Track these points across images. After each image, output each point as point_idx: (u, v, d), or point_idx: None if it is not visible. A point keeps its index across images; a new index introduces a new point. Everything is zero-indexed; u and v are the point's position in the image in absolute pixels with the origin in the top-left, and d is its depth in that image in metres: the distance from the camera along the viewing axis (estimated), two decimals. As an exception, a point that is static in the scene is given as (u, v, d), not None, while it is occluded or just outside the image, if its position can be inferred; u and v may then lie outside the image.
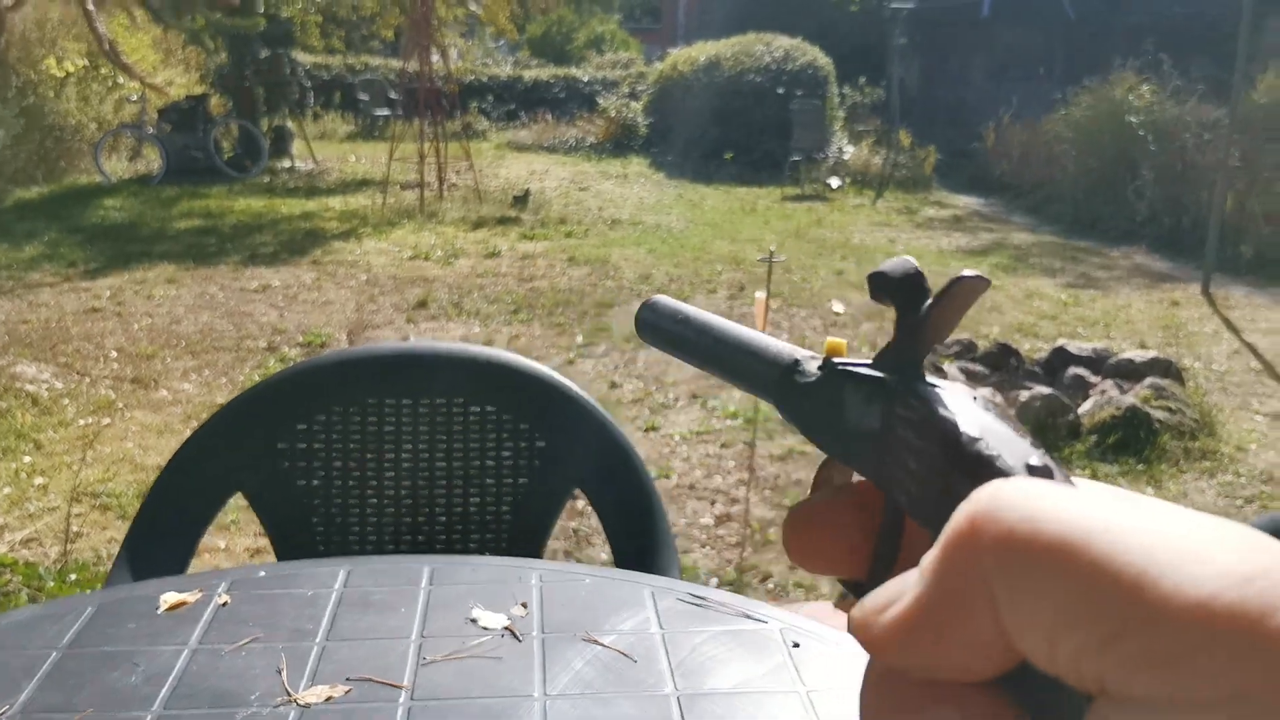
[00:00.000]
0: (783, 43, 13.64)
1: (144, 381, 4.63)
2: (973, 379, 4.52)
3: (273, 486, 1.32)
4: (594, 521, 3.11)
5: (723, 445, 4.05)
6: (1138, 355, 4.69)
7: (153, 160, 11.58)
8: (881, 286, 0.27)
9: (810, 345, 4.87)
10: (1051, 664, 0.21)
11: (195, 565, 2.67)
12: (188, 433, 4.49)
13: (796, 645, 0.96)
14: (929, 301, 0.26)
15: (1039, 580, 0.21)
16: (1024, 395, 4.16)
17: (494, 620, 1.00)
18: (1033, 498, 0.22)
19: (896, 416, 0.26)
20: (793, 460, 3.90)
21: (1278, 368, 5.28)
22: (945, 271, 7.40)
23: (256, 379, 4.68)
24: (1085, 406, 4.17)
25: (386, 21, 15.12)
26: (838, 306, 6.26)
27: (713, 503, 3.56)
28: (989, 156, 12.35)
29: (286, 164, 12.12)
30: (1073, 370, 4.58)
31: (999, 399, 4.21)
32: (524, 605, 1.02)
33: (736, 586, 3.00)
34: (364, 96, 16.28)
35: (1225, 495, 3.68)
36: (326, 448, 1.32)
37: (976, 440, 0.24)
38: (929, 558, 0.23)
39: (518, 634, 0.97)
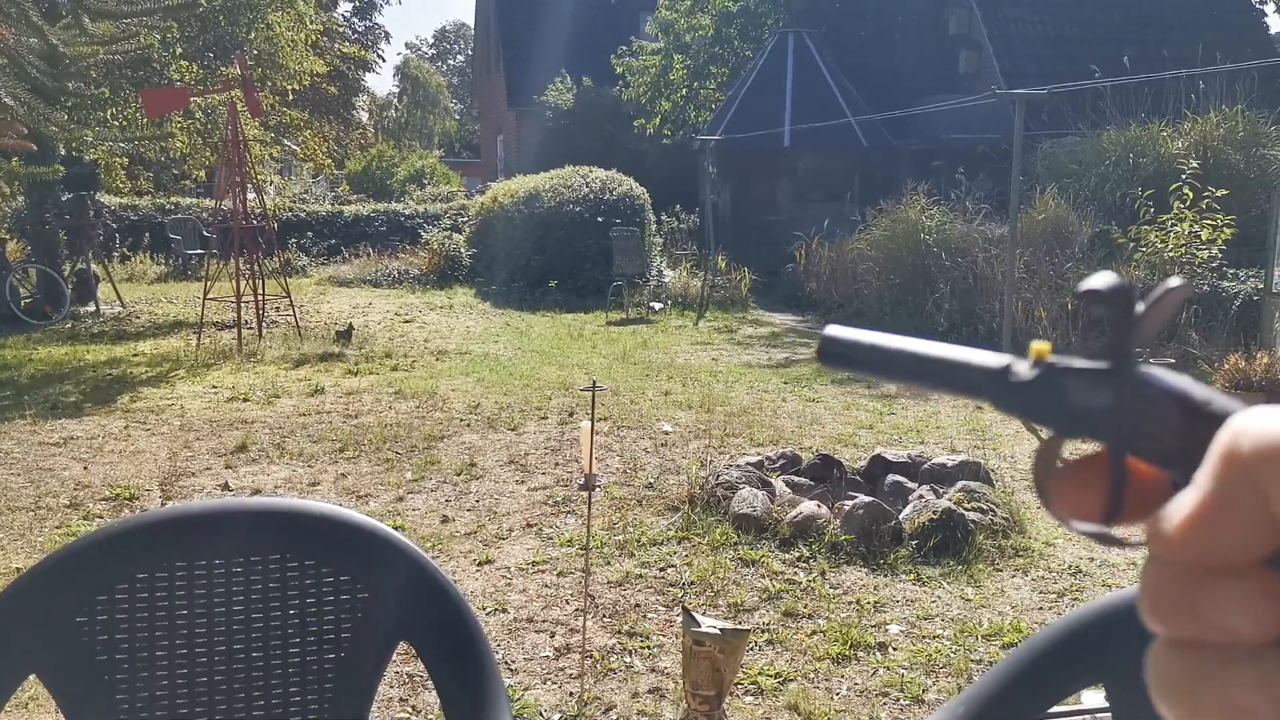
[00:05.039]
0: (599, 174, 14.11)
1: (-73, 551, 4.25)
2: (798, 491, 4.66)
3: (71, 664, 1.23)
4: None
5: (559, 574, 4.01)
6: (949, 459, 4.94)
7: (-60, 310, 10.87)
8: (1095, 299, 0.34)
9: (642, 466, 4.83)
10: None
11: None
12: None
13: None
14: (1141, 306, 0.34)
15: None
16: (848, 504, 4.31)
17: (314, 791, 0.95)
18: (1277, 417, 0.30)
19: (1130, 394, 0.34)
20: (629, 585, 3.90)
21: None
22: (765, 385, 7.64)
23: (58, 538, 4.36)
24: (905, 512, 4.33)
25: (198, 161, 14.84)
26: (666, 426, 6.37)
27: (552, 634, 3.51)
28: (800, 276, 13.00)
29: (91, 308, 11.58)
30: (891, 477, 4.78)
31: (824, 509, 4.35)
32: (346, 771, 0.98)
33: (580, 721, 2.95)
34: (176, 236, 15.81)
35: (1039, 590, 3.88)
36: (130, 618, 1.25)
37: (1213, 400, 0.33)
38: (1203, 471, 0.30)
39: (340, 803, 0.93)
